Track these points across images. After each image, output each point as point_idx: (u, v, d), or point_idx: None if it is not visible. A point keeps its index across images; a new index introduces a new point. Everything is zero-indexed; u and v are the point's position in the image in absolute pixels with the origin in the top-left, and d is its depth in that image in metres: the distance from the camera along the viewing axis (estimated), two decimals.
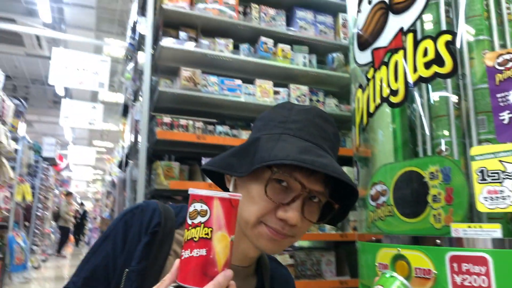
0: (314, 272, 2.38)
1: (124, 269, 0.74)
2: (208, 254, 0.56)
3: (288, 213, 0.74)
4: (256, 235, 0.76)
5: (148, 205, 0.83)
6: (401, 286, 0.85)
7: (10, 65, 8.73)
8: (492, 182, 1.10)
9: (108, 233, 0.79)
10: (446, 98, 1.36)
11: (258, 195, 0.76)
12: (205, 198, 0.57)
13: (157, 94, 2.32)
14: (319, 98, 2.63)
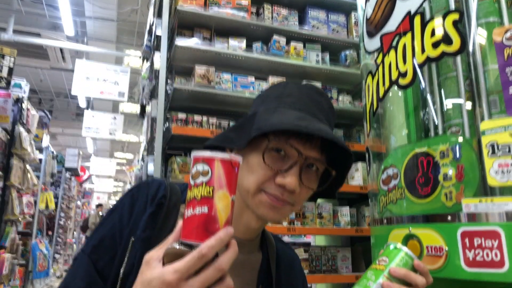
0: (329, 267, 2.35)
1: (129, 239, 0.76)
2: (210, 212, 0.58)
3: (286, 178, 0.76)
4: (256, 203, 0.78)
5: (154, 180, 0.86)
6: (405, 257, 0.83)
7: (35, 79, 9.05)
8: (503, 155, 1.09)
9: (116, 206, 0.82)
10: (456, 80, 1.35)
11: (256, 164, 0.78)
12: (206, 159, 0.60)
13: (172, 92, 2.38)
14: (332, 95, 2.63)
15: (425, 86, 1.41)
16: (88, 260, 0.76)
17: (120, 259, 0.75)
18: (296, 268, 1.02)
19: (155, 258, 0.58)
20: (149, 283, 0.56)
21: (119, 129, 8.34)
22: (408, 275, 0.78)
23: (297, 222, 2.31)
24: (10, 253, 4.52)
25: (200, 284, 0.55)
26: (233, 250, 0.58)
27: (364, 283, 0.81)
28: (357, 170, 2.54)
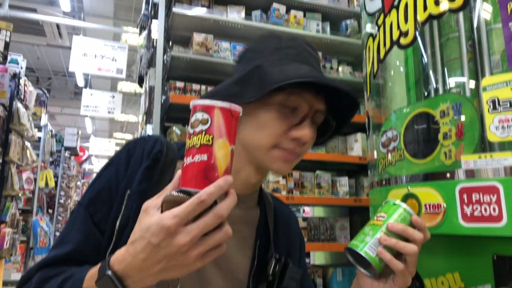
0: (327, 236, 2.37)
1: (125, 192, 0.77)
2: (209, 160, 0.57)
3: (301, 131, 0.77)
4: (270, 159, 0.79)
5: (151, 136, 0.85)
6: (403, 213, 0.83)
7: (33, 57, 8.96)
8: (503, 110, 1.08)
9: (112, 161, 0.82)
10: (458, 40, 1.33)
11: (269, 120, 0.78)
12: (206, 108, 0.59)
13: (170, 60, 2.35)
14: (332, 65, 2.61)
15: (426, 45, 1.39)
16: (85, 212, 0.76)
17: (116, 212, 0.75)
18: (293, 226, 1.02)
19: (153, 205, 0.58)
20: (148, 229, 0.55)
21: (117, 108, 8.30)
22: (406, 230, 0.78)
23: (296, 191, 2.31)
24: (10, 228, 4.55)
25: (199, 230, 0.55)
26: (232, 198, 0.58)
27: (361, 238, 0.81)
28: (357, 141, 2.54)
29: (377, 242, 0.78)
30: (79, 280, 0.64)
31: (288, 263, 0.85)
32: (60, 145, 8.86)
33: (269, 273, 0.84)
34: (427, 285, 1.25)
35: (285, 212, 1.02)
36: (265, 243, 0.89)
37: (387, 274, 0.79)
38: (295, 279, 0.85)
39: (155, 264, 0.56)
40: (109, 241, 0.74)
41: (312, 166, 2.78)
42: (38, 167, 6.39)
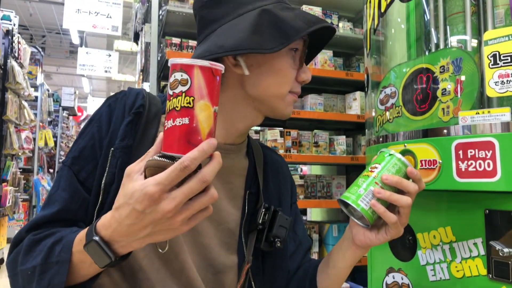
0: (324, 194, 2.41)
1: (109, 149, 0.76)
2: (191, 123, 0.55)
3: (307, 73, 0.83)
4: (286, 104, 0.82)
5: (132, 90, 0.84)
6: (398, 163, 0.82)
7: (25, 13, 8.71)
8: (504, 65, 1.06)
9: (93, 117, 0.80)
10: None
11: (285, 67, 0.80)
12: (185, 67, 0.56)
13: (165, 15, 2.28)
14: (333, 20, 2.54)
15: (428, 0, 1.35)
16: (68, 170, 0.76)
17: (101, 169, 0.75)
18: (284, 172, 1.03)
19: (136, 170, 0.57)
20: (132, 195, 0.55)
21: (114, 67, 8.18)
22: (400, 182, 0.78)
23: (293, 150, 2.33)
24: (12, 187, 4.62)
25: (183, 195, 0.54)
26: (217, 161, 0.57)
27: (354, 189, 0.79)
28: (355, 99, 2.52)
29: (371, 194, 0.77)
30: (69, 243, 0.65)
31: (278, 211, 0.86)
32: (57, 105, 8.82)
33: (258, 222, 0.84)
34: (419, 239, 1.28)
35: (275, 158, 1.02)
36: (255, 192, 0.90)
37: (380, 224, 0.81)
38: (284, 227, 0.86)
39: (141, 229, 0.56)
40: (96, 199, 0.74)
41: (310, 125, 2.78)
42: (37, 126, 6.39)
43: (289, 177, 1.04)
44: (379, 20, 1.47)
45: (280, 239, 0.84)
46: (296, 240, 0.97)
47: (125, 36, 9.45)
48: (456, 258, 1.16)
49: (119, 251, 0.60)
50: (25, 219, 6.11)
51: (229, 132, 0.84)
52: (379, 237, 0.79)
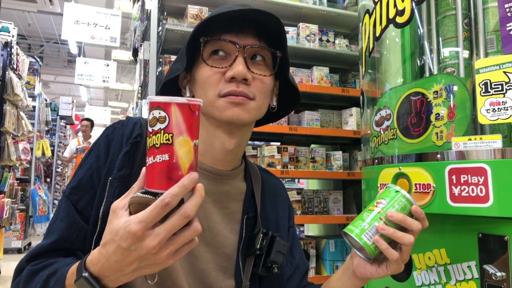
0: (321, 209, 2.43)
1: (107, 178, 0.77)
2: (171, 159, 0.56)
3: (233, 69, 0.78)
4: (219, 109, 0.79)
5: (130, 119, 0.85)
6: (403, 201, 0.82)
7: (24, 23, 8.73)
8: (495, 93, 1.09)
9: (92, 148, 0.82)
10: (455, 18, 1.32)
11: (204, 74, 0.80)
12: (162, 105, 0.57)
13: (164, 33, 2.31)
14: (329, 38, 2.57)
15: (422, 25, 1.38)
16: (67, 201, 0.77)
17: (99, 199, 0.77)
18: (282, 195, 1.03)
19: (121, 207, 0.59)
20: (116, 232, 0.56)
21: (112, 77, 8.20)
22: (405, 220, 0.78)
23: (291, 165, 2.35)
24: (9, 198, 4.60)
25: (166, 232, 0.55)
26: (199, 195, 0.57)
27: (359, 223, 0.80)
28: (351, 115, 2.55)
29: (375, 230, 0.78)
30: (62, 277, 0.67)
31: (275, 237, 0.87)
32: (55, 114, 8.80)
33: (256, 247, 0.85)
34: (415, 260, 1.29)
35: (273, 182, 1.03)
36: (252, 216, 0.90)
37: (381, 259, 0.81)
38: (282, 252, 0.86)
39: (128, 265, 0.58)
40: (94, 228, 0.76)
41: (307, 140, 2.80)
42: (34, 136, 6.38)
43: (287, 200, 1.05)
44: (374, 44, 1.50)
45: (277, 264, 0.84)
46: (293, 263, 0.98)
47: (123, 46, 9.49)
48: (450, 280, 1.18)
49: (108, 286, 0.61)
50: (21, 229, 6.07)
51: (215, 157, 0.85)
52: (380, 271, 0.80)
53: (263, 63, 0.84)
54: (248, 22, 0.80)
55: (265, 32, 0.82)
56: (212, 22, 0.78)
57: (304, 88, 2.45)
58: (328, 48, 2.57)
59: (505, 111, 1.07)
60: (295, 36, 2.50)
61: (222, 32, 0.79)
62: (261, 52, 0.83)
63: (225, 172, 0.87)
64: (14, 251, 5.89)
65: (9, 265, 5.09)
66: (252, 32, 0.81)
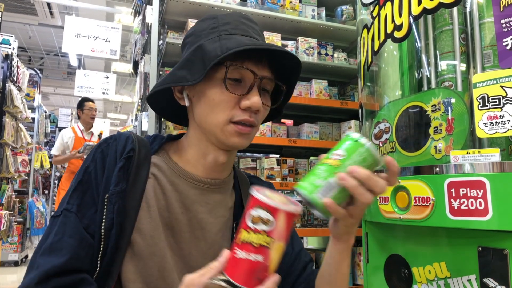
0: (320, 221, 2.42)
1: (105, 194, 0.77)
2: (265, 261, 0.58)
3: (251, 99, 0.79)
4: (226, 135, 0.80)
5: (121, 134, 0.86)
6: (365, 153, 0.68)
7: (24, 36, 8.80)
8: (492, 108, 1.11)
9: (88, 164, 0.82)
10: (452, 33, 1.34)
11: (218, 96, 0.80)
12: (272, 209, 0.57)
13: (164, 46, 2.33)
14: (327, 51, 2.60)
15: (420, 40, 1.40)
16: (75, 218, 0.76)
17: (100, 216, 0.76)
18: None
19: (196, 284, 0.59)
20: None
21: (112, 89, 8.23)
22: (369, 179, 0.65)
23: (290, 178, 2.35)
24: (7, 210, 4.58)
25: None
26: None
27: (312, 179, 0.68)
28: (350, 128, 2.56)
29: (330, 186, 0.66)
30: None
31: None
32: (54, 125, 8.82)
33: None
34: (415, 273, 1.29)
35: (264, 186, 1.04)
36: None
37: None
38: None
39: None
40: (98, 245, 0.75)
41: (306, 152, 2.81)
42: (33, 148, 6.38)
43: None
44: (373, 58, 1.52)
45: None
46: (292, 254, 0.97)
47: (123, 58, 9.55)
48: None
49: None
50: (18, 241, 6.02)
51: (207, 169, 0.87)
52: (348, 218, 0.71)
53: (267, 93, 0.87)
54: (266, 52, 0.82)
55: (274, 63, 0.85)
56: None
57: (303, 101, 2.47)
58: (327, 62, 2.60)
59: (503, 124, 1.09)
60: (294, 50, 2.52)
61: (244, 59, 0.80)
62: (271, 84, 0.86)
63: (218, 181, 0.88)
64: (10, 264, 5.83)
65: (6, 278, 5.04)
66: (267, 63, 0.83)
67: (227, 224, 0.90)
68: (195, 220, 0.84)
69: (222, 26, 0.84)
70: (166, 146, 0.91)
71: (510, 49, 1.12)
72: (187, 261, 0.82)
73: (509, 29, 1.13)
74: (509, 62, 1.12)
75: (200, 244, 0.83)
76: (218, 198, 0.88)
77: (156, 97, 0.91)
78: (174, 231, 0.82)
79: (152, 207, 0.80)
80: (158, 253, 0.78)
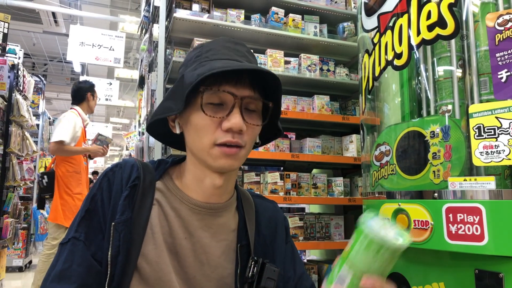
0: (323, 234, 2.47)
1: (111, 223, 0.80)
2: None
3: (231, 120, 0.80)
4: (213, 158, 0.82)
5: (127, 162, 0.89)
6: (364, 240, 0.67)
7: (28, 43, 8.88)
8: (488, 137, 1.16)
9: (95, 192, 0.84)
10: (449, 60, 1.39)
11: (201, 121, 0.82)
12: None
13: (171, 64, 2.39)
14: (329, 67, 2.66)
15: (419, 65, 1.46)
16: (83, 246, 0.79)
17: (106, 244, 0.79)
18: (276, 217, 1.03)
19: None
20: None
21: (115, 95, 8.30)
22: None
23: (293, 192, 2.40)
24: (13, 218, 4.64)
25: None
26: None
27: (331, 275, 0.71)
28: (352, 142, 2.62)
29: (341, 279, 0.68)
30: None
31: (265, 264, 0.88)
32: None
33: (248, 274, 0.87)
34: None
35: (266, 206, 1.04)
36: (246, 245, 0.92)
37: None
38: (272, 278, 0.87)
39: None
40: (105, 272, 0.78)
41: (309, 165, 2.86)
42: (37, 155, 6.44)
43: (282, 221, 1.05)
44: (373, 84, 1.58)
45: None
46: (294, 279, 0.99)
47: (126, 64, 9.62)
48: None
49: None
50: (23, 247, 6.07)
51: (206, 193, 0.88)
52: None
53: (255, 112, 0.87)
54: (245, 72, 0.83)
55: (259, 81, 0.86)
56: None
57: (306, 116, 2.52)
58: (329, 77, 2.65)
59: (498, 154, 1.14)
60: (297, 66, 2.58)
61: (221, 82, 0.82)
62: (255, 103, 0.86)
63: (219, 205, 0.90)
64: (15, 270, 5.88)
65: (10, 283, 5.09)
66: (248, 82, 0.83)
67: (230, 246, 0.91)
68: (199, 244, 0.86)
69: (205, 54, 0.86)
70: (170, 170, 0.93)
71: (504, 81, 1.18)
72: (192, 284, 0.84)
73: (503, 62, 1.19)
74: (503, 94, 1.17)
75: (204, 268, 0.86)
76: (220, 221, 0.90)
77: (155, 127, 0.95)
78: (179, 256, 0.84)
79: (156, 233, 0.83)
80: (164, 278, 0.81)
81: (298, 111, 2.53)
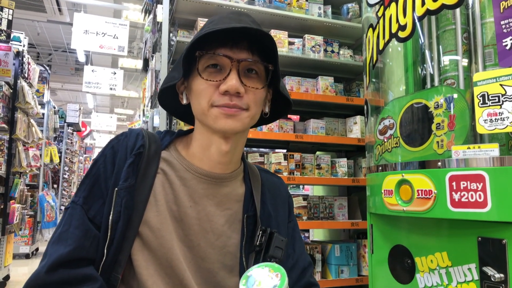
0: (326, 214, 2.48)
1: (114, 189, 0.82)
2: None
3: (227, 83, 0.81)
4: (213, 119, 0.83)
5: (132, 131, 0.90)
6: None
7: (33, 32, 8.90)
8: (492, 105, 1.16)
9: (98, 158, 0.86)
10: (454, 33, 1.39)
11: (199, 86, 0.83)
12: None
13: (175, 45, 2.39)
14: (333, 48, 2.65)
15: (423, 39, 1.45)
16: (81, 210, 0.81)
17: (108, 208, 0.81)
18: (281, 192, 1.05)
19: None
20: None
21: (119, 84, 8.32)
22: None
23: (297, 172, 2.41)
24: (20, 204, 4.69)
25: None
26: None
27: None
28: (356, 123, 2.62)
29: None
30: None
31: (274, 233, 0.90)
32: (62, 121, 8.92)
33: (256, 244, 0.89)
34: (417, 262, 1.35)
35: (272, 180, 1.05)
36: (252, 215, 0.94)
37: None
38: (280, 247, 0.89)
39: None
40: (105, 235, 0.80)
41: (313, 147, 2.87)
42: (43, 143, 6.49)
43: (287, 197, 1.07)
44: (378, 57, 1.57)
45: (276, 259, 0.88)
46: (293, 258, 1.00)
47: (130, 54, 9.62)
48: (452, 282, 1.24)
49: None
50: (29, 234, 6.15)
51: (212, 161, 0.89)
52: None
53: (256, 75, 0.87)
54: (242, 35, 0.84)
55: (259, 45, 0.86)
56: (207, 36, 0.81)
57: (310, 97, 2.52)
58: (333, 59, 2.65)
59: (502, 121, 1.14)
60: (301, 47, 2.57)
61: (217, 46, 0.82)
62: (254, 66, 0.86)
63: (224, 175, 0.91)
64: (22, 257, 5.96)
65: (17, 270, 5.16)
66: (246, 46, 0.83)
67: (236, 216, 0.92)
68: (204, 213, 0.87)
69: (208, 25, 0.86)
70: (176, 141, 0.95)
71: (509, 49, 1.17)
72: (196, 252, 0.86)
73: (508, 30, 1.18)
74: (508, 61, 1.17)
75: (208, 236, 0.87)
76: (225, 191, 0.91)
77: (165, 99, 0.96)
78: (183, 224, 0.85)
79: (159, 201, 0.84)
80: (165, 245, 0.82)
81: (302, 92, 2.53)
